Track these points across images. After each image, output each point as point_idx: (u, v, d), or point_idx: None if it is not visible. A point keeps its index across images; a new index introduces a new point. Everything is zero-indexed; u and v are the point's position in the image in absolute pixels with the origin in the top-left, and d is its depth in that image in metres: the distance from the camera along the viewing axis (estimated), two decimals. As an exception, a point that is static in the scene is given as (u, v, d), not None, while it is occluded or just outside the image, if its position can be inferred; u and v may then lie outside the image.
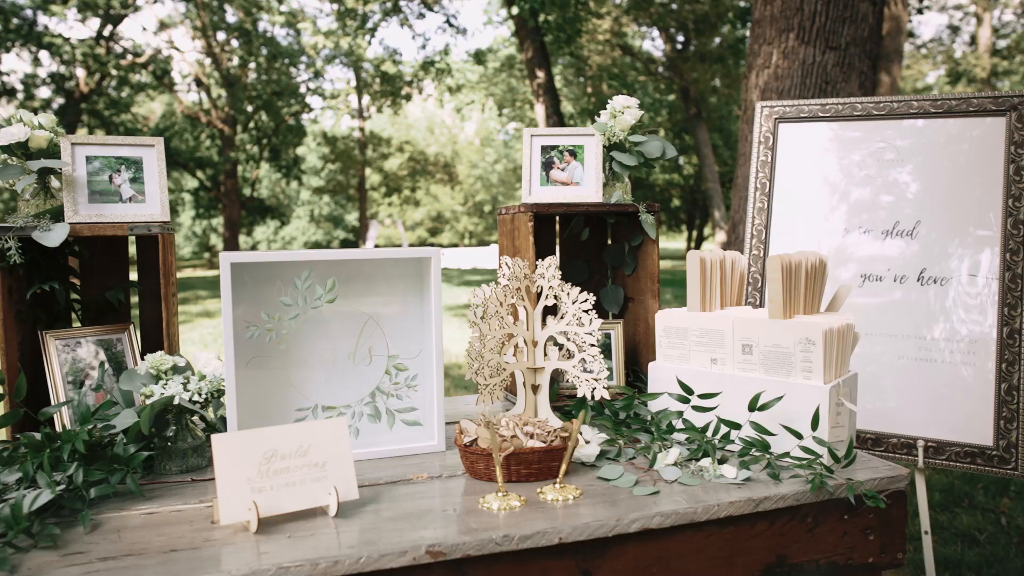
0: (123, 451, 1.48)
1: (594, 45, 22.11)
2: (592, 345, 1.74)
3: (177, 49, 28.31)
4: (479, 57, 19.63)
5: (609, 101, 2.17)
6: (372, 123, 36.09)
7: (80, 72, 25.59)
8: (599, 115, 2.17)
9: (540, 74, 13.61)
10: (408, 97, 26.07)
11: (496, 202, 38.33)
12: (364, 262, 1.72)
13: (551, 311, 2.12)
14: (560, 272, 1.83)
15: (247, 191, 31.93)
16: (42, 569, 1.16)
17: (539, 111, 13.46)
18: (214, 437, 1.32)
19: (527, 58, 13.60)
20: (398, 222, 40.17)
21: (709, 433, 1.65)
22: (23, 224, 1.67)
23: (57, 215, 1.76)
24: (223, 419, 1.67)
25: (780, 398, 1.57)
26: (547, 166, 2.13)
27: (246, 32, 26.24)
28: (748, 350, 1.67)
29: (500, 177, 37.76)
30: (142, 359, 1.72)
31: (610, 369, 2.15)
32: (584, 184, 2.11)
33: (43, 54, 24.25)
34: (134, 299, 2.04)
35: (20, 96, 24.62)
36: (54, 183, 1.81)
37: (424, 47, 20.49)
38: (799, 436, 1.54)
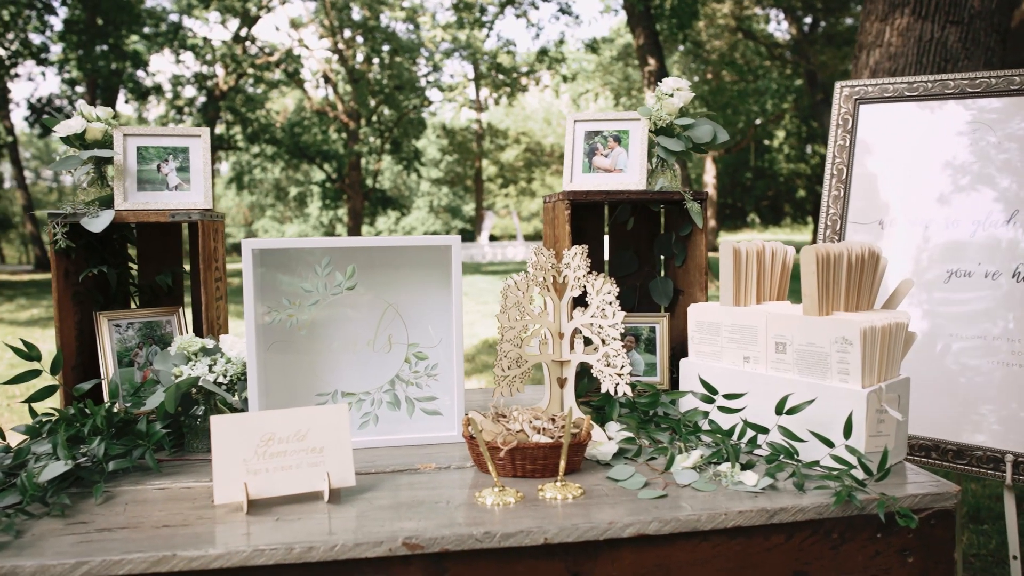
0: (146, 428, 1.55)
1: (713, 29, 21.39)
2: (615, 339, 1.66)
3: (306, 47, 29.72)
4: (593, 47, 19.40)
5: (659, 83, 2.07)
6: (490, 115, 36.53)
7: (220, 71, 27.32)
8: (645, 100, 2.07)
9: (652, 61, 13.30)
10: (524, 88, 26.21)
11: (612, 193, 37.79)
12: (384, 249, 1.71)
13: (584, 302, 2.05)
14: (589, 261, 1.76)
15: (370, 182, 33.10)
16: (43, 536, 1.23)
17: (649, 99, 13.15)
18: (213, 418, 1.35)
19: (638, 45, 13.31)
20: (513, 213, 40.52)
21: (735, 436, 1.54)
22: (72, 211, 1.77)
23: (109, 203, 1.86)
24: (246, 401, 1.71)
25: (811, 401, 1.45)
26: (591, 152, 2.06)
27: (369, 29, 27.17)
28: (782, 348, 1.55)
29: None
30: (186, 341, 1.79)
31: (653, 364, 2.06)
32: (628, 171, 2.02)
33: (187, 56, 26.03)
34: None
35: (168, 95, 26.60)
36: (109, 172, 1.92)
37: (538, 36, 20.45)
38: (830, 444, 1.40)
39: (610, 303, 1.67)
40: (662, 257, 2.22)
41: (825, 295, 1.49)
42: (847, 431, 1.39)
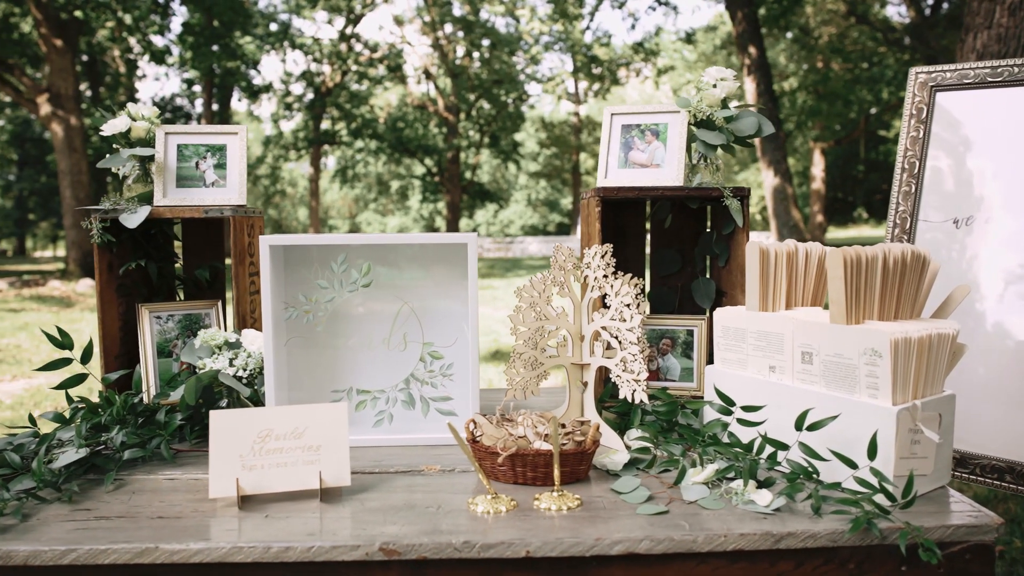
0: (164, 418, 1.60)
1: (822, 15, 20.39)
2: (633, 343, 1.58)
3: (409, 44, 30.36)
4: (689, 38, 18.88)
5: (713, 74, 1.96)
6: (588, 107, 36.26)
7: (326, 69, 28.31)
8: (686, 90, 1.97)
9: (752, 50, 12.82)
10: (618, 81, 25.87)
11: (714, 186, 36.83)
12: (400, 247, 1.70)
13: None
14: (613, 261, 1.68)
15: (468, 176, 33.54)
16: (47, 521, 1.28)
17: (748, 89, 12.69)
18: (212, 413, 1.37)
19: (737, 32, 12.85)
20: (611, 206, 40.15)
21: (754, 452, 1.44)
22: (111, 207, 1.85)
23: (149, 199, 1.93)
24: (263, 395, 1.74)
25: (834, 418, 1.33)
26: (627, 147, 1.97)
27: (469, 24, 27.48)
28: (808, 359, 1.43)
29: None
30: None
31: (690, 370, 1.96)
32: (665, 166, 1.93)
33: (295, 55, 27.12)
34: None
35: (279, 92, 27.79)
36: (153, 169, 1.99)
37: (633, 27, 20.12)
38: (852, 465, 1.29)
39: (628, 305, 1.59)
40: (707, 257, 2.11)
41: (855, 302, 1.37)
42: (871, 452, 1.26)
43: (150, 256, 2.03)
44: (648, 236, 2.17)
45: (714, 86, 1.93)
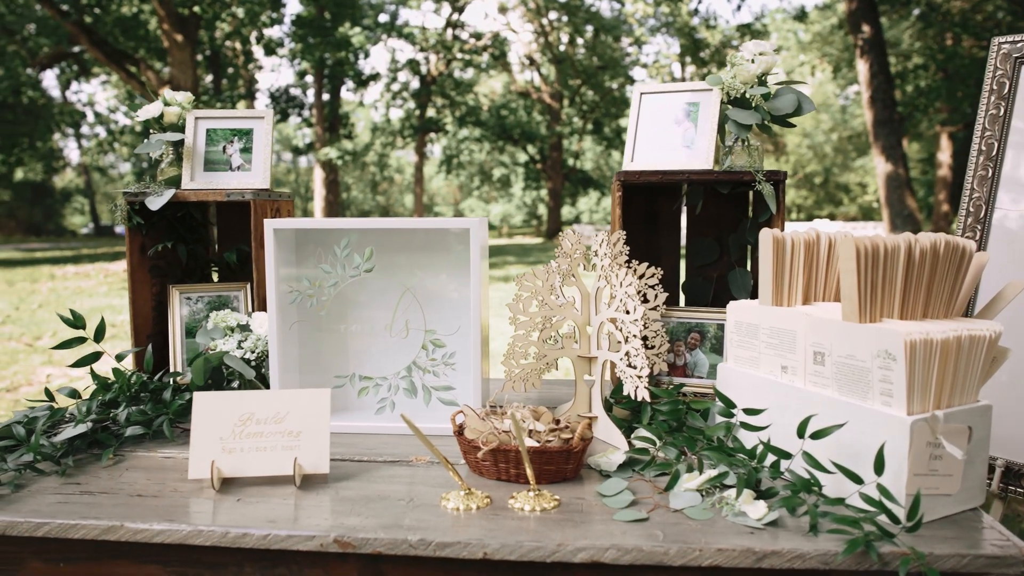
0: (170, 397, 1.63)
1: (950, -11, 18.90)
2: (636, 336, 1.48)
3: (513, 31, 30.41)
4: (801, 16, 17.96)
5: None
6: (696, 92, 35.16)
7: (432, 57, 28.73)
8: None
9: (866, 28, 12.05)
10: (723, 64, 24.96)
11: (829, 173, 35.09)
12: (403, 232, 1.66)
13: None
14: (627, 249, 1.58)
15: (571, 162, 33.31)
16: (36, 493, 1.32)
17: (861, 70, 11.93)
18: (196, 394, 1.38)
19: (850, 10, 12.11)
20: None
21: (756, 459, 1.31)
22: (138, 190, 1.90)
23: (178, 183, 1.98)
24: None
25: (840, 426, 1.19)
26: (657, 127, 1.85)
27: (573, 9, 27.21)
28: (820, 359, 1.29)
29: (835, 146, 34.47)
30: (249, 315, 1.87)
31: (715, 366, 1.83)
32: (695, 148, 1.80)
33: (401, 44, 27.68)
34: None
35: (387, 81, 28.46)
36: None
37: (739, 8, 19.32)
38: (858, 480, 1.15)
39: (631, 296, 1.49)
40: (747, 247, 1.96)
41: (871, 297, 1.22)
42: (878, 466, 1.12)
43: (181, 238, 2.08)
44: (684, 224, 2.05)
45: (751, 61, 1.78)
